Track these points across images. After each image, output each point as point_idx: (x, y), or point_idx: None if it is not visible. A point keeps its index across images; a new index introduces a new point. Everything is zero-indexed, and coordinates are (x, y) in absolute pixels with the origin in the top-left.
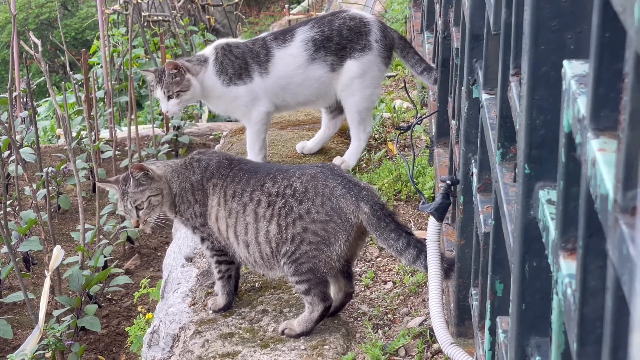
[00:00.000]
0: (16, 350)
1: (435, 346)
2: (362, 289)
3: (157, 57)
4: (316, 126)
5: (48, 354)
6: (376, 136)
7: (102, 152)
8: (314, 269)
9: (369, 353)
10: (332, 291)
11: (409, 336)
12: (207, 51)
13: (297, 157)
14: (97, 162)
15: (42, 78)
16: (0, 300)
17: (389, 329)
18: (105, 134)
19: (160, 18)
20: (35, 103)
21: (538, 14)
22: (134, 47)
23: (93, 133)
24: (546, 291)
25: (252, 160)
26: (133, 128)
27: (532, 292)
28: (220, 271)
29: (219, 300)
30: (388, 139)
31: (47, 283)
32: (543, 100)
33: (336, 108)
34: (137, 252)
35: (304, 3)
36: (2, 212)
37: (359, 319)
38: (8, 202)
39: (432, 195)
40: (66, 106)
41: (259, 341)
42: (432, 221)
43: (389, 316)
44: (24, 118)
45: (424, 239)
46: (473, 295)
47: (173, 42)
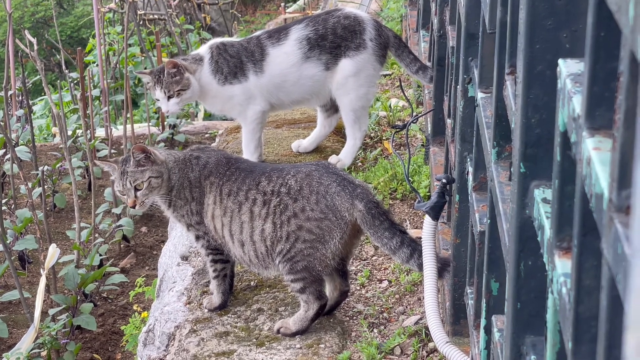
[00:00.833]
0: (12, 349)
1: (430, 345)
2: (358, 288)
3: (153, 56)
4: (312, 125)
5: (43, 353)
6: (372, 135)
7: (98, 151)
8: (309, 267)
9: (365, 352)
10: (328, 290)
11: (405, 335)
12: (202, 50)
13: (293, 156)
14: (93, 161)
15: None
16: None
17: (385, 328)
18: (101, 133)
19: (156, 16)
20: (30, 101)
21: (533, 13)
22: (130, 46)
23: (89, 131)
24: (541, 290)
25: (248, 159)
26: (129, 126)
27: (528, 291)
28: (215, 270)
29: (215, 299)
30: (384, 138)
31: (43, 282)
32: (538, 99)
33: (331, 107)
34: (133, 251)
35: (300, 2)
36: None
37: (355, 318)
38: (3, 201)
39: (428, 194)
40: (62, 105)
41: (255, 340)
42: (428, 220)
43: (385, 315)
44: (20, 116)
45: (420, 238)
46: (468, 294)
47: (169, 41)
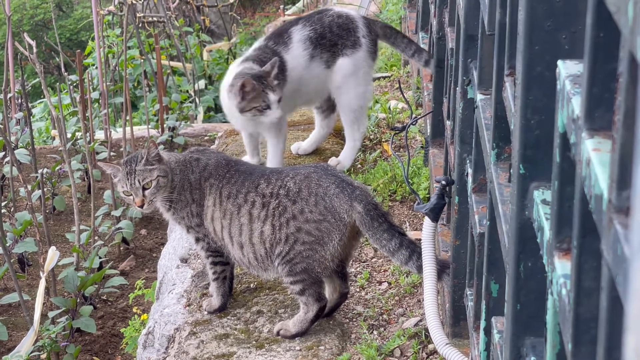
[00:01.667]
0: (11, 351)
1: (430, 347)
2: (357, 290)
3: (152, 58)
4: (311, 127)
5: (43, 356)
6: (371, 137)
7: (97, 153)
8: (308, 269)
9: (364, 354)
10: (327, 292)
11: (404, 337)
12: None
13: (293, 158)
14: (92, 164)
15: (37, 79)
16: None
17: (384, 330)
18: (100, 135)
19: (155, 19)
20: (30, 104)
21: (532, 14)
22: (129, 48)
23: (88, 134)
24: (541, 291)
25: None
26: (128, 129)
27: (527, 293)
28: (215, 272)
29: (214, 301)
30: (383, 140)
31: (42, 284)
32: (537, 100)
33: (327, 107)
34: (132, 253)
35: (299, 4)
36: None
37: (354, 320)
38: (3, 204)
39: (427, 195)
40: (61, 107)
41: (254, 342)
42: (427, 222)
43: (384, 317)
44: (19, 119)
45: (419, 240)
46: (468, 295)
47: (168, 43)
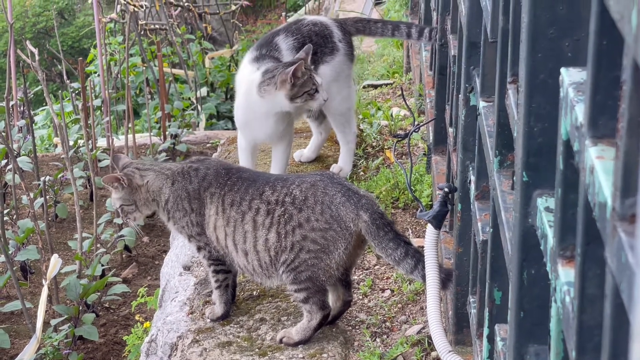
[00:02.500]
0: (14, 359)
1: (433, 354)
2: (360, 297)
3: (154, 66)
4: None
5: None
6: (374, 144)
7: (100, 161)
8: (313, 278)
9: None
10: (331, 299)
11: (407, 344)
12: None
13: (295, 166)
14: (95, 171)
15: (39, 87)
16: None
17: (387, 337)
18: (102, 143)
19: (157, 26)
20: (32, 112)
21: (535, 22)
22: (131, 56)
23: (90, 142)
24: (545, 299)
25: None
26: (130, 136)
27: (531, 300)
28: (217, 280)
29: (217, 309)
30: (385, 147)
31: (45, 292)
32: (541, 107)
33: (320, 114)
34: (135, 261)
35: (301, 11)
36: (0, 221)
37: (357, 327)
38: (5, 211)
39: (430, 203)
40: (63, 115)
41: (257, 350)
42: (430, 229)
43: (387, 324)
44: (21, 127)
45: (422, 247)
46: (471, 303)
47: (170, 51)
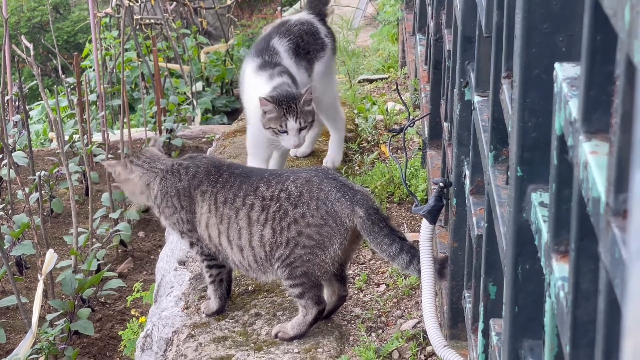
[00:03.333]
0: (9, 354)
1: (428, 349)
2: (356, 292)
3: (150, 60)
4: None
5: (41, 358)
6: (369, 138)
7: (95, 156)
8: (308, 273)
9: (363, 356)
10: (326, 294)
11: (403, 339)
12: None
13: (290, 161)
14: (90, 166)
15: (35, 82)
16: None
17: (383, 332)
18: (97, 137)
19: (152, 21)
20: (27, 107)
21: (529, 17)
22: (126, 50)
23: (86, 136)
24: (539, 294)
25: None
26: (126, 131)
27: (525, 295)
28: (211, 275)
29: (212, 304)
30: (381, 141)
31: (40, 287)
32: (535, 102)
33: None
34: (130, 256)
35: (296, 5)
36: None
37: (353, 322)
38: (1, 206)
39: (425, 197)
40: (58, 110)
41: (253, 344)
42: (425, 224)
43: (383, 319)
44: (17, 122)
45: (417, 242)
46: (466, 297)
47: (165, 45)
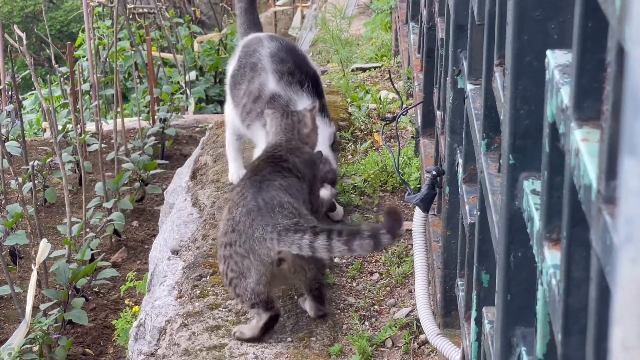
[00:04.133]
0: (3, 344)
1: (422, 337)
2: (349, 281)
3: (143, 50)
4: None
5: (35, 348)
6: (362, 127)
7: (89, 145)
8: (242, 295)
9: (356, 344)
10: (307, 307)
11: (396, 327)
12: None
13: None
14: (83, 155)
15: (28, 71)
16: None
17: (376, 320)
18: (91, 127)
19: (145, 10)
20: (20, 96)
21: (521, 4)
22: (120, 40)
23: (79, 126)
24: (531, 282)
25: None
26: (119, 121)
27: (518, 283)
28: None
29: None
30: (374, 130)
31: (34, 277)
32: (527, 90)
33: None
34: (124, 245)
35: None
36: None
37: (346, 311)
38: None
39: (418, 186)
40: (52, 99)
41: None
42: (418, 212)
43: (376, 307)
44: (10, 111)
45: (410, 230)
46: (459, 286)
47: (159, 35)
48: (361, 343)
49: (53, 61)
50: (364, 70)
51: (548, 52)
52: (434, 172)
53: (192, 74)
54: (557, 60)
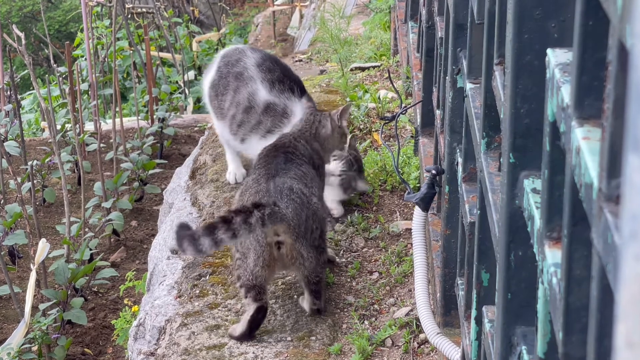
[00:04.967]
0: (2, 344)
1: (421, 336)
2: (348, 280)
3: (142, 49)
4: None
5: (34, 348)
6: (361, 126)
7: (87, 145)
8: (243, 276)
9: (356, 344)
10: (305, 304)
11: (396, 326)
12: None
13: None
14: (82, 155)
15: (26, 71)
16: None
17: (376, 320)
18: (90, 127)
19: (144, 10)
20: (19, 96)
21: (521, 3)
22: (118, 40)
23: (78, 126)
24: (532, 280)
25: None
26: (118, 120)
27: (518, 282)
28: None
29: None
30: (373, 129)
31: (33, 276)
32: (527, 89)
33: None
34: (123, 245)
35: None
36: None
37: (346, 310)
38: None
39: (418, 185)
40: (50, 99)
41: None
42: (418, 211)
43: (375, 307)
44: (8, 111)
45: (410, 229)
46: (459, 285)
47: (157, 34)
48: (361, 342)
49: (52, 61)
50: (363, 69)
51: (548, 51)
52: (434, 171)
53: (191, 74)
54: (558, 58)
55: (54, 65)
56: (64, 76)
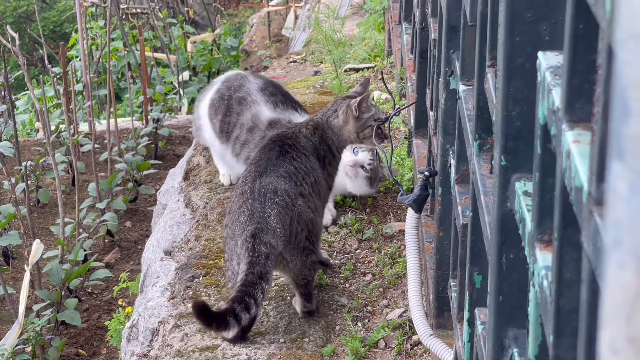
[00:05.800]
0: None
1: (414, 338)
2: (342, 282)
3: (136, 50)
4: None
5: (28, 349)
6: None
7: (82, 146)
8: (231, 278)
9: (349, 345)
10: (297, 306)
11: (389, 328)
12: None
13: None
14: (77, 156)
15: (20, 71)
16: None
17: (369, 321)
18: (84, 127)
19: (138, 10)
20: (13, 97)
21: (513, 5)
22: (113, 40)
23: (72, 126)
24: (523, 283)
25: None
26: (112, 121)
27: (510, 284)
28: None
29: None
30: None
31: (27, 277)
32: (518, 91)
33: None
34: (117, 246)
35: None
36: None
37: (339, 311)
38: None
39: (411, 186)
40: (44, 100)
41: None
42: (411, 213)
43: (369, 308)
44: (2, 112)
45: (403, 231)
46: (452, 286)
47: (152, 35)
48: (354, 344)
49: (46, 61)
50: (357, 70)
51: (540, 54)
52: (427, 173)
53: (185, 74)
54: (549, 61)
55: (49, 65)
56: (59, 77)
